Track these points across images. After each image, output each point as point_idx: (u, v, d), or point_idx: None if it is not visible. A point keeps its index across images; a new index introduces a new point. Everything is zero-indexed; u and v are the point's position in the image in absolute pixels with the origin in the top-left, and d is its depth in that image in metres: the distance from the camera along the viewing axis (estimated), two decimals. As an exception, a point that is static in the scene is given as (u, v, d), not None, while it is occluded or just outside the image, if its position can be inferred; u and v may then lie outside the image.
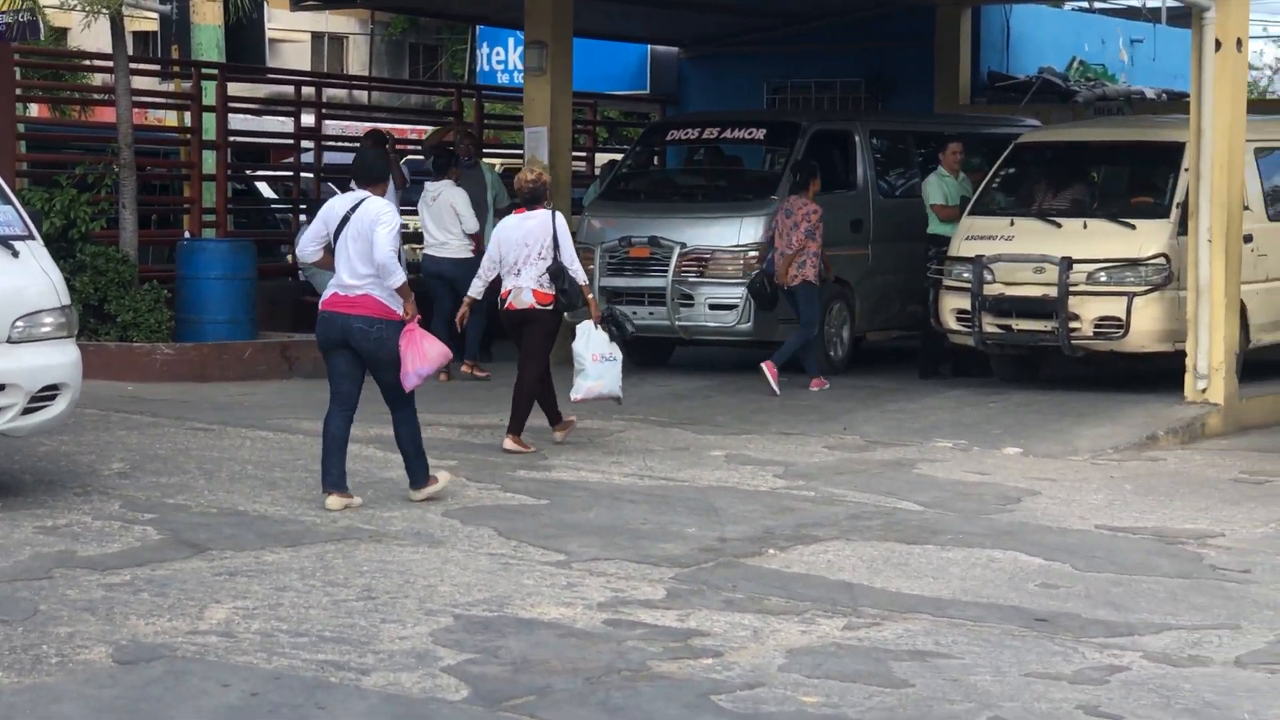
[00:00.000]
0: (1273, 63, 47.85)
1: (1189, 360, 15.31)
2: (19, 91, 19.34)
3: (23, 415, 10.56)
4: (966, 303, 16.35)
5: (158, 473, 11.77)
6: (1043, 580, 9.52)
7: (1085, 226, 16.26)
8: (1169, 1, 27.07)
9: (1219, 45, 15.11)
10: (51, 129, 23.81)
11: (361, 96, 30.90)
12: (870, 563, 9.83)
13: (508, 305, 13.31)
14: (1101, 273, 15.94)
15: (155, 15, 24.51)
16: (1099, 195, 17.20)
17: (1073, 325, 15.92)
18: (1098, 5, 32.71)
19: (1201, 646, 8.26)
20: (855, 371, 17.17)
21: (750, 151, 19.46)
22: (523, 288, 13.15)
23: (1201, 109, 15.17)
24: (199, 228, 19.92)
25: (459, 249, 17.24)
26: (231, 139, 20.96)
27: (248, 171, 23.06)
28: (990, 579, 9.52)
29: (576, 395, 13.50)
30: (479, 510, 10.93)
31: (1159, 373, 16.18)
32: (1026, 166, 17.58)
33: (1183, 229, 15.66)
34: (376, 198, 11.00)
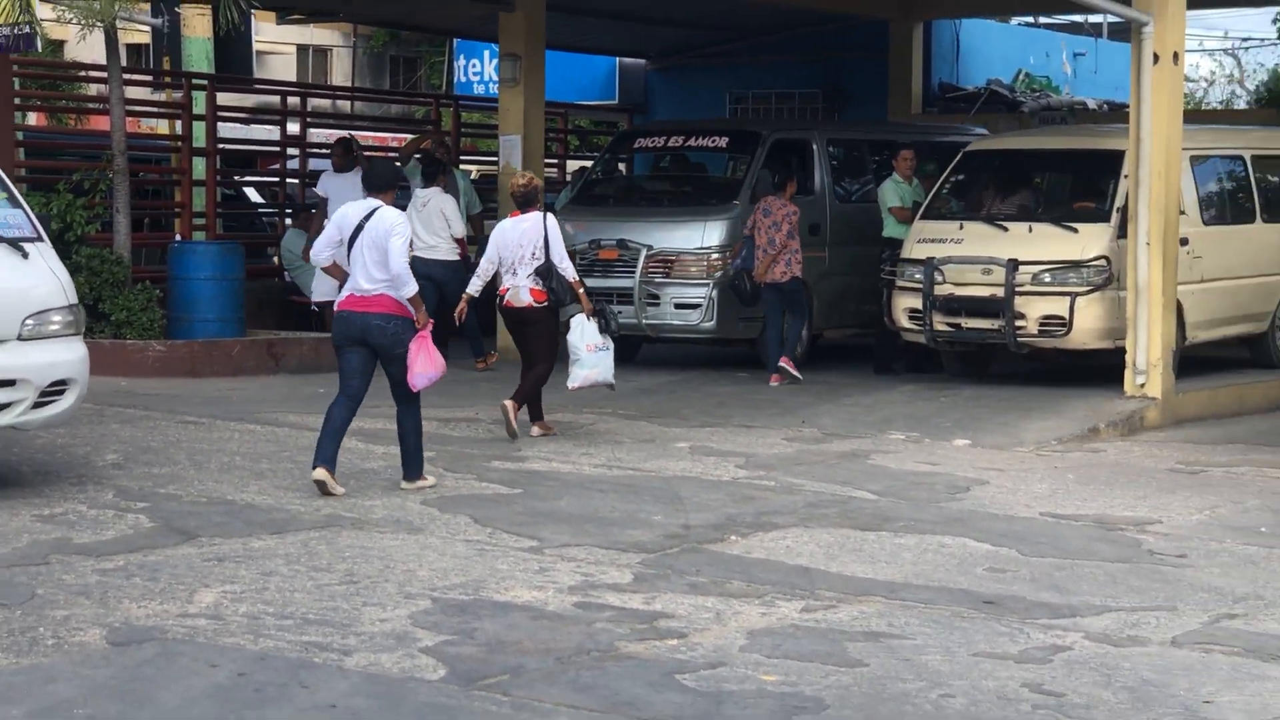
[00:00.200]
0: (1208, 75, 47.93)
1: (1128, 357, 15.34)
2: (17, 101, 19.25)
3: (32, 409, 10.52)
4: (919, 302, 16.36)
5: (150, 464, 11.73)
6: (990, 565, 9.53)
7: (1030, 230, 16.26)
8: (1110, 17, 27.10)
9: (1157, 59, 15.14)
10: (49, 137, 23.75)
11: (344, 106, 30.88)
12: (827, 548, 9.83)
13: (506, 302, 13.36)
14: (1046, 274, 15.95)
15: (148, 28, 24.47)
16: (1043, 200, 17.19)
17: (1019, 324, 15.93)
18: (1043, 20, 32.74)
19: (1139, 627, 8.27)
20: (813, 367, 17.16)
21: (713, 159, 19.45)
22: (520, 286, 13.22)
23: (1140, 119, 15.20)
24: (189, 231, 19.88)
25: (447, 252, 17.22)
26: (220, 146, 20.93)
27: (236, 177, 23.01)
28: (940, 564, 9.53)
29: (573, 384, 13.50)
30: (456, 499, 10.91)
31: (1100, 368, 16.21)
32: (975, 173, 17.58)
33: (1122, 232, 15.68)
34: (390, 208, 11.05)
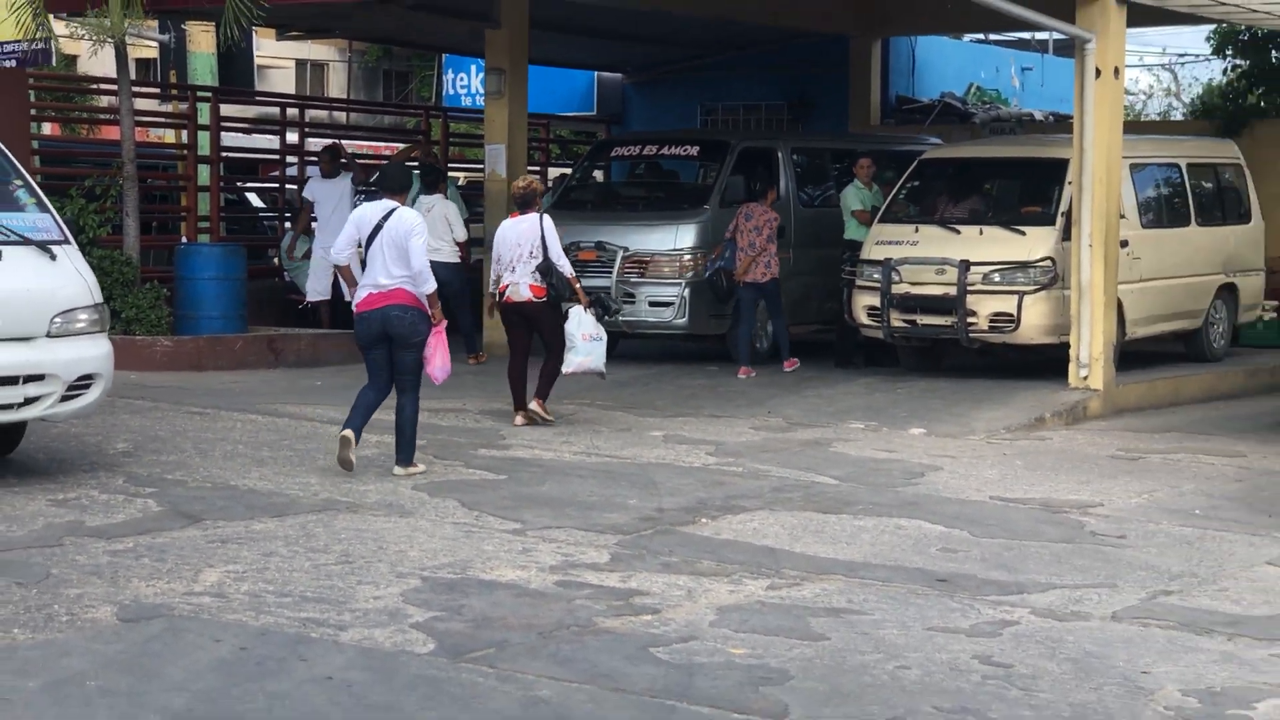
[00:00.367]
0: (1147, 89, 47.97)
1: (1072, 351, 15.38)
2: (33, 112, 19.21)
3: (60, 402, 10.50)
4: (877, 300, 16.39)
5: (158, 452, 11.72)
6: (943, 545, 9.56)
7: (981, 233, 16.30)
8: (1055, 34, 27.15)
9: (1099, 73, 15.18)
10: (63, 146, 23.65)
11: (340, 117, 30.77)
12: (791, 530, 9.85)
13: (506, 298, 13.38)
14: (995, 274, 15.99)
15: (155, 44, 24.44)
16: (993, 205, 17.22)
17: (970, 320, 15.97)
18: (993, 37, 32.75)
19: (1082, 603, 8.30)
20: (778, 361, 17.17)
21: (685, 166, 19.45)
22: (519, 283, 13.27)
23: (1084, 129, 15.24)
24: (194, 233, 19.84)
25: (450, 254, 17.29)
26: (223, 154, 20.87)
27: (238, 183, 22.96)
28: (897, 544, 9.56)
29: (568, 369, 13.54)
30: (444, 484, 10.91)
31: (1046, 362, 16.24)
32: (930, 180, 17.62)
33: (1067, 235, 15.72)
34: (406, 209, 11.20)
